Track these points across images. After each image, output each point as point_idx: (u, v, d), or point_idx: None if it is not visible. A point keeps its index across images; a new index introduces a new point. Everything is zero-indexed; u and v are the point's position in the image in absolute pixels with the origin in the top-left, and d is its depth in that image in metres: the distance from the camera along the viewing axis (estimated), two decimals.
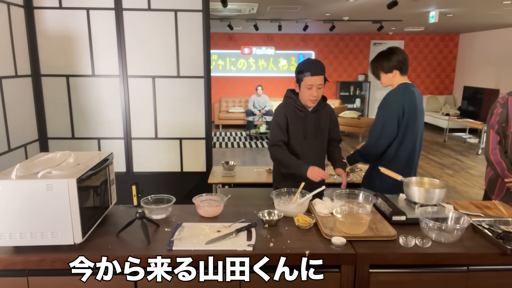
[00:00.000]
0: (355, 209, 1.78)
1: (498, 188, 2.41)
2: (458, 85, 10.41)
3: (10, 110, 3.08)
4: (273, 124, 2.31)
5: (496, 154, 2.30)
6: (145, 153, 3.73)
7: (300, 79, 2.21)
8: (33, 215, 1.50)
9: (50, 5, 3.37)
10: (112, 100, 3.59)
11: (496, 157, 2.31)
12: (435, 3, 5.78)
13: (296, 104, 2.29)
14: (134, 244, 1.62)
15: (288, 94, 2.35)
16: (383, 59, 2.42)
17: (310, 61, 2.25)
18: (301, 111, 2.29)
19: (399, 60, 2.38)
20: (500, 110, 2.28)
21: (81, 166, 1.64)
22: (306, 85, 2.19)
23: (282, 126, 2.27)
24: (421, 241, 1.61)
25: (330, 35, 10.27)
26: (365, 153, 2.45)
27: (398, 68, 2.39)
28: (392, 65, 2.39)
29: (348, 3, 5.81)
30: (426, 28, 8.91)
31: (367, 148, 2.42)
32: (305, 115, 2.30)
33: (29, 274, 1.51)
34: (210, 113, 3.68)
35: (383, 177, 2.16)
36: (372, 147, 2.38)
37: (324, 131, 2.38)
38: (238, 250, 1.55)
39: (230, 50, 10.33)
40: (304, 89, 2.21)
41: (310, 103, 2.25)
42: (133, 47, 3.51)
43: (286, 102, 2.33)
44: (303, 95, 2.24)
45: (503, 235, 1.61)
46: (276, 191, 2.01)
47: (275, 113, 2.34)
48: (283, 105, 2.33)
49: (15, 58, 3.17)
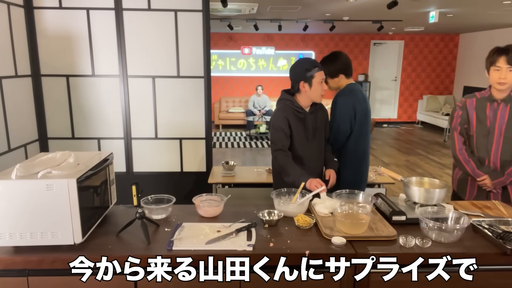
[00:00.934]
0: (355, 209, 1.78)
1: (469, 188, 2.47)
2: (458, 85, 10.41)
3: (10, 110, 3.08)
4: (276, 128, 2.26)
5: (464, 154, 2.40)
6: (145, 153, 3.73)
7: (312, 76, 2.21)
8: (33, 215, 1.50)
9: (50, 5, 3.37)
10: (112, 100, 3.59)
11: (464, 156, 2.40)
12: (435, 3, 5.78)
13: (294, 105, 2.27)
14: (134, 244, 1.61)
15: (285, 96, 2.32)
16: (328, 64, 2.56)
17: (310, 58, 2.32)
18: (300, 113, 2.28)
19: (343, 63, 2.56)
20: (460, 112, 2.42)
21: (81, 166, 1.64)
22: (319, 80, 2.23)
23: (285, 130, 2.25)
24: (421, 241, 1.61)
25: (330, 35, 10.27)
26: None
27: (343, 72, 2.57)
28: (337, 69, 2.56)
29: (348, 3, 5.81)
30: (426, 28, 8.91)
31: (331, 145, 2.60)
32: (304, 116, 2.29)
33: (29, 274, 1.51)
34: (210, 113, 3.68)
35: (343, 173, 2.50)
36: (332, 144, 2.59)
37: (321, 131, 2.39)
38: (238, 250, 1.55)
39: (230, 50, 10.33)
40: (316, 85, 2.23)
41: (320, 99, 2.29)
42: (133, 47, 3.51)
43: (284, 105, 2.29)
44: (314, 92, 2.24)
45: (503, 235, 1.61)
46: (276, 191, 2.01)
47: (276, 118, 2.29)
48: (281, 108, 2.29)
49: (15, 58, 3.18)
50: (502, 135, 2.30)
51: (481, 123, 2.35)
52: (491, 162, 2.35)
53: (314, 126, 2.33)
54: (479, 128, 2.36)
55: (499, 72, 2.23)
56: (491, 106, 2.33)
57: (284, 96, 2.32)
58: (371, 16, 7.15)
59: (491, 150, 2.34)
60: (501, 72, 2.22)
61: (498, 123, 2.30)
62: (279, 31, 8.78)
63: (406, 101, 10.77)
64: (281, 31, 8.84)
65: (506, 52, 2.20)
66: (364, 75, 10.48)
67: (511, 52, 2.19)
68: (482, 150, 2.37)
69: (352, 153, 2.58)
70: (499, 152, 2.32)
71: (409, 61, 10.52)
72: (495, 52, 2.25)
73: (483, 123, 2.34)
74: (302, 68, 2.23)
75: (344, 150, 2.57)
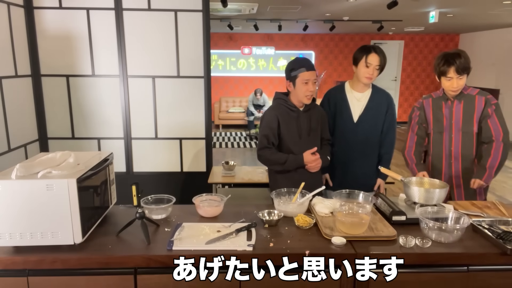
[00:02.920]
0: (355, 209, 1.78)
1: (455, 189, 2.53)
2: None
3: (10, 110, 3.08)
4: (263, 127, 2.31)
5: (411, 156, 2.52)
6: (145, 153, 3.73)
7: (295, 76, 2.23)
8: (33, 215, 1.50)
9: (50, 5, 3.37)
10: (112, 100, 3.59)
11: (410, 157, 2.52)
12: (435, 3, 5.78)
13: (288, 104, 2.29)
14: (134, 244, 1.61)
15: (278, 95, 2.36)
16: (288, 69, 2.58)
17: (301, 58, 2.31)
18: (293, 111, 2.30)
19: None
20: (418, 112, 2.54)
21: (81, 166, 1.64)
22: (303, 81, 2.21)
23: (273, 129, 2.27)
24: (421, 241, 1.61)
25: (330, 35, 10.27)
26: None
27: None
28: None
29: (348, 3, 5.81)
30: (426, 28, 8.91)
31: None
32: (298, 114, 2.31)
33: (29, 274, 1.51)
34: (210, 113, 3.68)
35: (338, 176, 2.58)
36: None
37: (317, 130, 2.39)
38: (238, 250, 1.55)
39: (230, 50, 10.33)
40: (300, 85, 2.22)
41: (306, 100, 2.26)
42: (133, 47, 3.51)
43: (276, 104, 2.33)
44: (299, 91, 2.25)
45: (503, 235, 1.62)
46: (276, 191, 2.01)
47: (265, 116, 2.33)
48: (273, 107, 2.33)
49: (15, 58, 3.18)
50: (461, 131, 2.40)
51: (437, 121, 2.46)
52: (452, 157, 2.44)
53: (309, 125, 2.34)
54: (435, 126, 2.47)
55: (450, 81, 2.31)
56: (446, 105, 2.44)
57: (278, 95, 2.37)
58: (371, 16, 7.15)
59: (451, 146, 2.43)
60: (452, 81, 2.31)
61: (454, 120, 2.41)
62: (279, 31, 8.78)
63: (406, 101, 10.77)
64: (281, 31, 8.84)
65: (454, 63, 2.26)
66: None
67: (458, 61, 2.25)
68: (439, 146, 2.47)
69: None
70: (460, 147, 2.42)
71: (409, 61, 10.52)
72: (444, 63, 2.30)
73: (440, 121, 2.45)
74: (288, 67, 2.28)
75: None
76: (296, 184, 2.05)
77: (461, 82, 2.30)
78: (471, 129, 2.38)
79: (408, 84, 10.64)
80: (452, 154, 2.43)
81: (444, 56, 2.31)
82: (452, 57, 2.27)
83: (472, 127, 2.38)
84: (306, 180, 2.08)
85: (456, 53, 2.29)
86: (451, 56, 2.28)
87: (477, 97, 2.38)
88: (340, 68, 10.57)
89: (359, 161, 2.56)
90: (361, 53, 2.41)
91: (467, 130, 2.39)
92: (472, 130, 2.38)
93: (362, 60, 2.40)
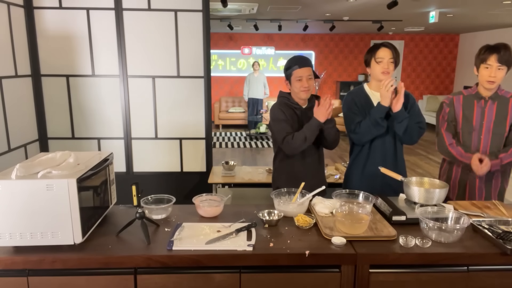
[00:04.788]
0: (355, 209, 1.78)
1: (451, 187, 2.50)
2: (458, 85, 10.41)
3: (10, 110, 3.08)
4: (276, 120, 2.30)
5: (455, 147, 2.39)
6: (145, 153, 3.73)
7: (290, 74, 2.27)
8: (33, 215, 1.50)
9: (50, 5, 3.37)
10: (112, 100, 3.60)
11: (457, 150, 2.38)
12: (435, 3, 5.78)
13: (290, 101, 2.33)
14: (134, 244, 1.61)
15: (281, 94, 2.41)
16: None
17: (295, 56, 2.34)
18: (296, 108, 2.33)
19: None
20: (448, 109, 2.43)
21: (81, 166, 1.64)
22: (296, 78, 2.24)
23: (286, 120, 2.29)
24: (421, 241, 1.61)
25: (330, 35, 10.27)
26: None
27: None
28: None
29: (348, 3, 5.81)
30: (426, 28, 8.91)
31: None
32: (300, 112, 2.33)
33: (29, 274, 1.51)
34: (210, 113, 3.68)
35: (360, 177, 2.39)
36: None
37: None
38: (238, 250, 1.55)
39: (230, 50, 10.34)
40: (295, 82, 2.26)
41: (303, 95, 2.27)
42: (133, 47, 3.51)
43: (279, 101, 2.37)
44: (294, 88, 2.28)
45: (503, 235, 1.61)
46: (276, 191, 2.01)
47: (273, 112, 2.35)
48: (278, 103, 2.37)
49: (15, 58, 3.18)
50: (491, 132, 2.33)
51: (467, 120, 2.37)
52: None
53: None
54: (464, 126, 2.39)
55: (489, 70, 2.24)
56: (478, 104, 2.35)
57: (281, 94, 2.40)
58: (371, 16, 7.15)
59: (479, 147, 2.36)
60: (491, 70, 2.23)
61: (486, 120, 2.33)
62: (279, 31, 8.78)
63: None
64: (281, 31, 8.84)
65: (497, 51, 2.20)
66: (364, 75, 10.48)
67: (502, 51, 2.19)
68: (468, 147, 2.38)
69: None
70: (488, 148, 2.35)
71: (409, 61, 10.52)
72: (486, 50, 2.25)
73: (469, 120, 2.36)
74: (284, 67, 2.33)
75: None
76: (297, 183, 2.05)
77: (499, 73, 2.21)
78: (502, 131, 2.32)
79: (408, 84, 10.64)
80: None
81: (488, 45, 2.25)
82: (497, 46, 2.21)
83: (504, 129, 2.31)
84: (307, 180, 2.08)
85: (502, 43, 2.23)
86: (496, 45, 2.22)
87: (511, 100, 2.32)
88: (340, 68, 10.57)
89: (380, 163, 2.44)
90: (369, 53, 2.37)
91: (498, 132, 2.32)
92: (503, 132, 2.32)
93: (373, 59, 2.34)
